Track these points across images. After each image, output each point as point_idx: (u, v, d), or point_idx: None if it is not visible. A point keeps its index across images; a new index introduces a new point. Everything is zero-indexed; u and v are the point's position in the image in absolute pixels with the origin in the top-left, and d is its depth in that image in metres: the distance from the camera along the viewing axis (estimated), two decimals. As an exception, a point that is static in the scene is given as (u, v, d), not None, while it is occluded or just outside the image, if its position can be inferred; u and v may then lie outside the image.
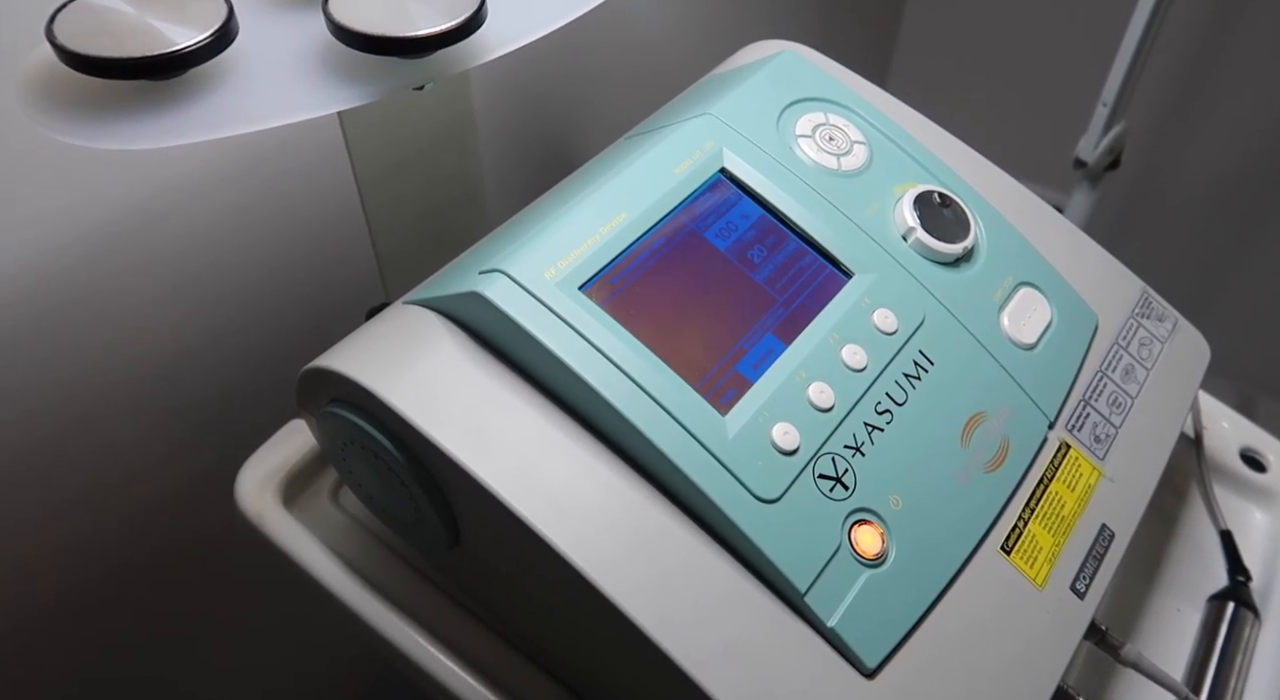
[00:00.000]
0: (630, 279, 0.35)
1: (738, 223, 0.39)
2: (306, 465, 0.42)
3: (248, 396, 0.56)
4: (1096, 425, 0.40)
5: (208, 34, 0.28)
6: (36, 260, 0.43)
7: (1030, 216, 0.44)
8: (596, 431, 0.33)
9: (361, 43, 0.29)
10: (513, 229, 0.38)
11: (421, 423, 0.32)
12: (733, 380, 0.34)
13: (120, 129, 0.27)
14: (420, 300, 0.36)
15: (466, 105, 0.47)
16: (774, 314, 0.37)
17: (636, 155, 0.39)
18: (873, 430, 0.35)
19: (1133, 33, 0.74)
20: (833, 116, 0.43)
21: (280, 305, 0.55)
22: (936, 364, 0.37)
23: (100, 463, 0.51)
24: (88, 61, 0.26)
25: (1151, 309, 0.44)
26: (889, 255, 0.39)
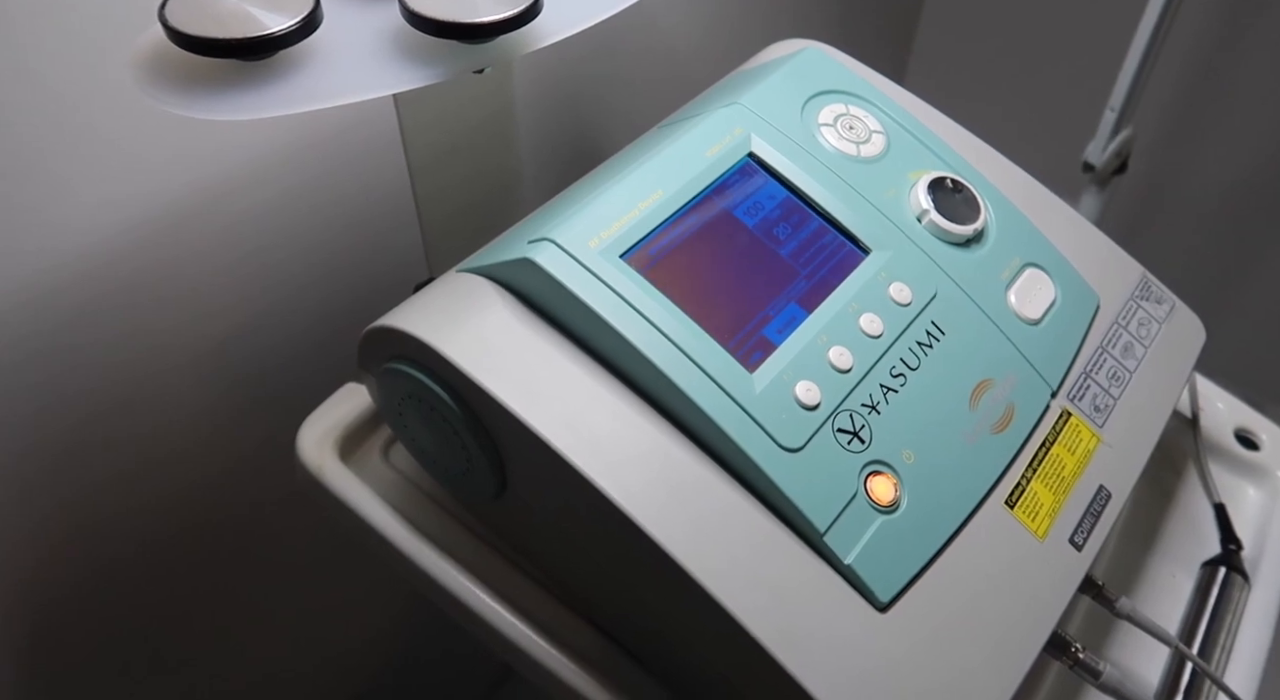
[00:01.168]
0: (667, 250, 0.38)
1: (764, 202, 0.42)
2: (361, 424, 0.45)
3: (300, 368, 0.60)
4: (1096, 396, 0.42)
5: (297, 20, 0.31)
6: (103, 243, 0.46)
7: (1037, 203, 0.47)
8: (636, 386, 0.36)
9: (432, 27, 0.32)
10: (558, 204, 0.41)
11: (478, 375, 0.35)
12: (759, 343, 0.37)
13: (218, 102, 0.31)
14: (473, 268, 0.39)
15: (508, 100, 0.51)
16: (797, 285, 0.40)
17: (671, 140, 0.42)
18: (888, 391, 0.38)
19: (1140, 38, 0.77)
20: (853, 107, 0.46)
21: (331, 282, 0.59)
22: (947, 334, 0.40)
23: (164, 433, 0.55)
24: (194, 41, 0.30)
25: (1150, 292, 0.47)
26: (904, 234, 0.42)
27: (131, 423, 0.53)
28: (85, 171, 0.44)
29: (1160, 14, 0.75)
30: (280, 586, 0.68)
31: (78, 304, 0.47)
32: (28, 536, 0.51)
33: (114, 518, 0.55)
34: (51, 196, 0.43)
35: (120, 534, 0.56)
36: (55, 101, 0.41)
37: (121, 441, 0.53)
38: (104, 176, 0.45)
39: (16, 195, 0.42)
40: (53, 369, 0.47)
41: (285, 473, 0.44)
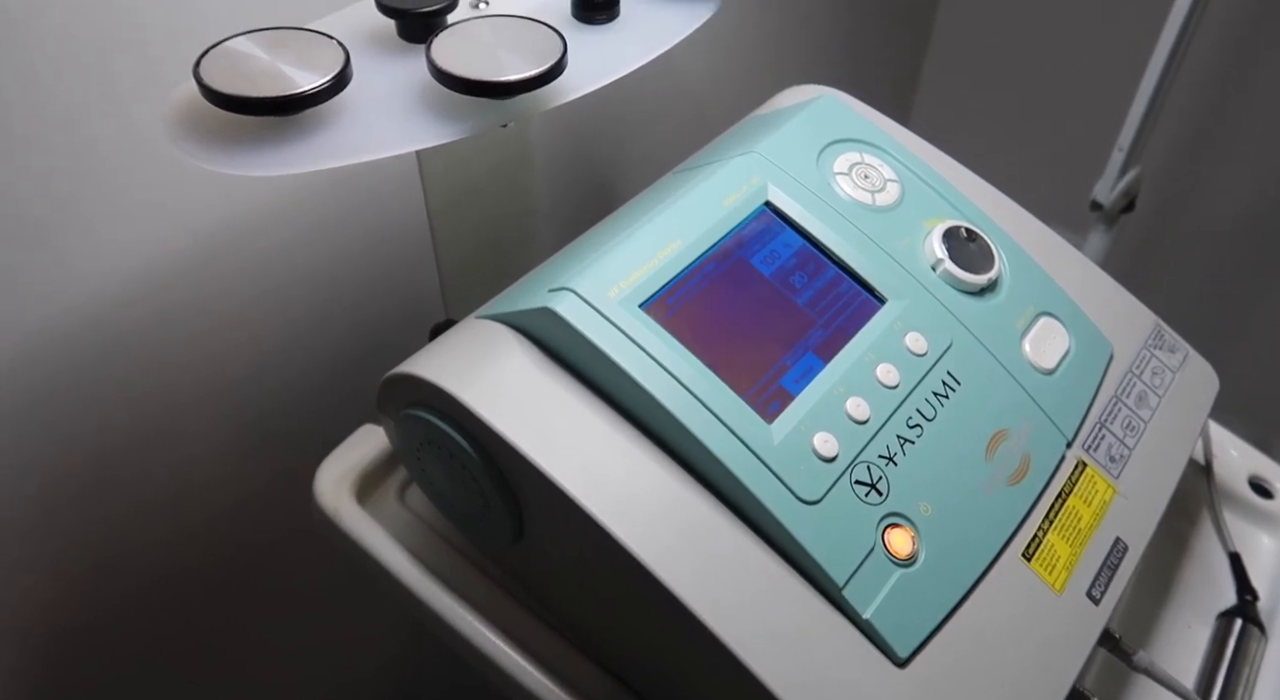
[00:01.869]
0: (685, 299, 0.39)
1: (781, 251, 0.42)
2: (378, 466, 0.45)
3: (315, 404, 0.60)
4: (1111, 446, 0.43)
5: (327, 79, 0.32)
6: (123, 284, 0.47)
7: (1050, 252, 0.47)
8: (654, 436, 0.36)
9: (459, 85, 0.33)
10: (576, 252, 0.41)
11: (497, 423, 0.35)
12: (777, 393, 0.38)
13: (249, 158, 0.31)
14: (493, 315, 0.40)
15: (526, 144, 0.52)
16: (814, 334, 0.40)
17: (688, 188, 0.43)
18: (905, 442, 0.38)
19: (1149, 80, 0.78)
20: (868, 156, 0.47)
21: (348, 320, 0.59)
22: (963, 384, 0.40)
23: (182, 468, 0.55)
24: (228, 99, 0.31)
25: (1164, 340, 0.47)
26: (919, 284, 0.43)
27: (147, 459, 0.53)
28: (108, 214, 0.45)
29: (1169, 55, 0.76)
30: (291, 618, 0.68)
31: (97, 343, 0.47)
32: (45, 571, 0.51)
33: (128, 552, 0.55)
34: (75, 239, 0.44)
35: (134, 568, 0.56)
36: (85, 146, 0.42)
37: (137, 478, 0.53)
38: (126, 219, 0.45)
39: (42, 238, 0.43)
40: (73, 406, 0.48)
41: (298, 506, 0.44)
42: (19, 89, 0.39)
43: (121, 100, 0.42)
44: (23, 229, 0.42)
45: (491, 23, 0.36)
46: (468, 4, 0.40)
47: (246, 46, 0.32)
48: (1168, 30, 0.75)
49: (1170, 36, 0.75)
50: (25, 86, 0.39)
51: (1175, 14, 0.74)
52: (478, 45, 0.34)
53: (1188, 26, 0.74)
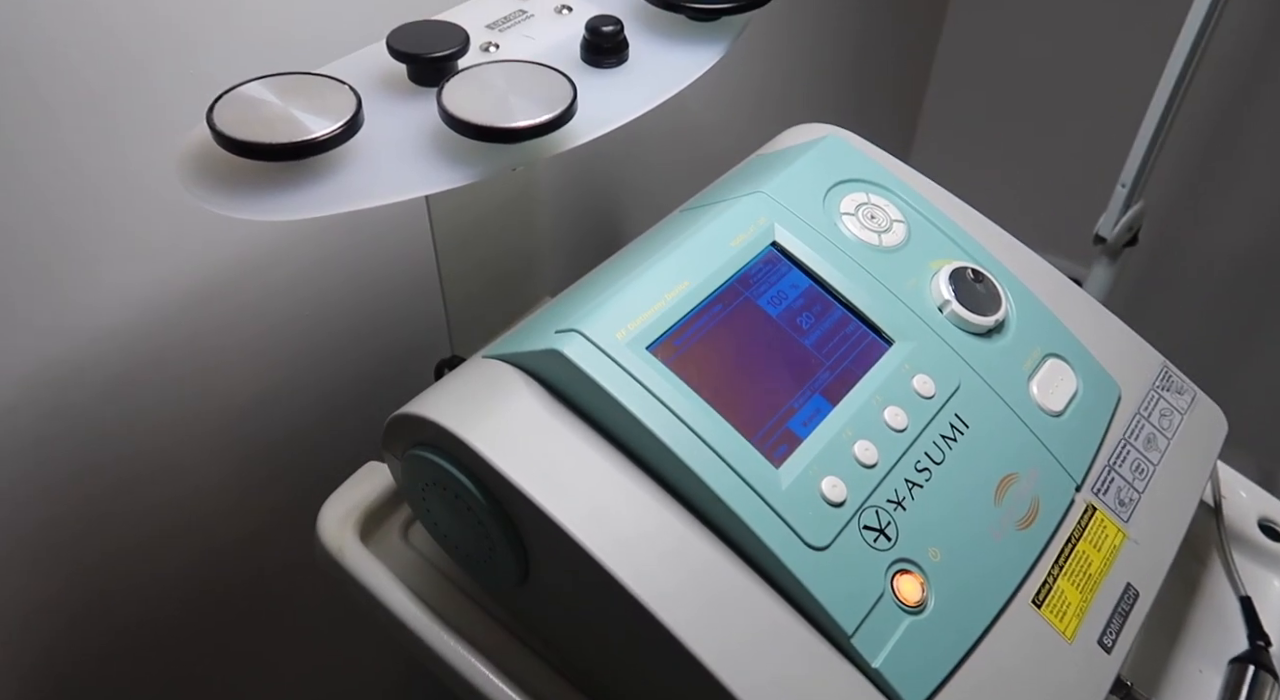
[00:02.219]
0: (692, 340, 0.39)
1: (788, 292, 0.42)
2: (382, 504, 0.45)
3: (320, 440, 0.60)
4: (1121, 490, 0.42)
5: (340, 124, 0.32)
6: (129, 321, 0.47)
7: (1057, 292, 0.47)
8: (661, 479, 0.36)
9: (470, 131, 0.33)
10: (584, 291, 0.41)
11: (503, 466, 0.35)
12: (785, 436, 0.37)
13: (261, 203, 0.32)
14: (499, 355, 0.40)
15: (534, 181, 0.52)
16: (821, 376, 0.40)
17: (695, 228, 0.43)
18: (913, 486, 0.38)
19: (1151, 116, 0.79)
20: (874, 197, 0.47)
21: (353, 354, 0.59)
22: (971, 427, 0.40)
23: (185, 503, 0.55)
24: (241, 145, 0.31)
25: (1171, 382, 0.47)
26: (926, 325, 0.42)
27: (150, 495, 0.53)
28: (112, 252, 0.45)
29: (1172, 91, 0.76)
30: (292, 649, 0.67)
31: (101, 380, 0.47)
32: (49, 602, 0.51)
33: (129, 587, 0.54)
34: (79, 277, 0.44)
35: (135, 602, 0.56)
36: (90, 186, 0.43)
37: (140, 514, 0.53)
38: (129, 257, 0.46)
39: (46, 276, 0.43)
40: (75, 444, 0.48)
41: (300, 540, 0.44)
42: (26, 129, 0.39)
43: (127, 141, 0.42)
44: (27, 267, 0.42)
45: (502, 68, 0.36)
46: (478, 47, 0.40)
47: (260, 92, 0.33)
48: (1171, 66, 0.76)
49: (1173, 73, 0.75)
50: (32, 127, 0.39)
51: (1178, 51, 0.75)
52: (488, 91, 0.35)
53: (1190, 63, 0.75)
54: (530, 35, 0.42)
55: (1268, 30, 0.96)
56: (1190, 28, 0.73)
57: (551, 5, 0.44)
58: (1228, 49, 0.94)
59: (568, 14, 0.44)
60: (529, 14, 0.43)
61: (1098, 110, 1.15)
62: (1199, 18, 0.72)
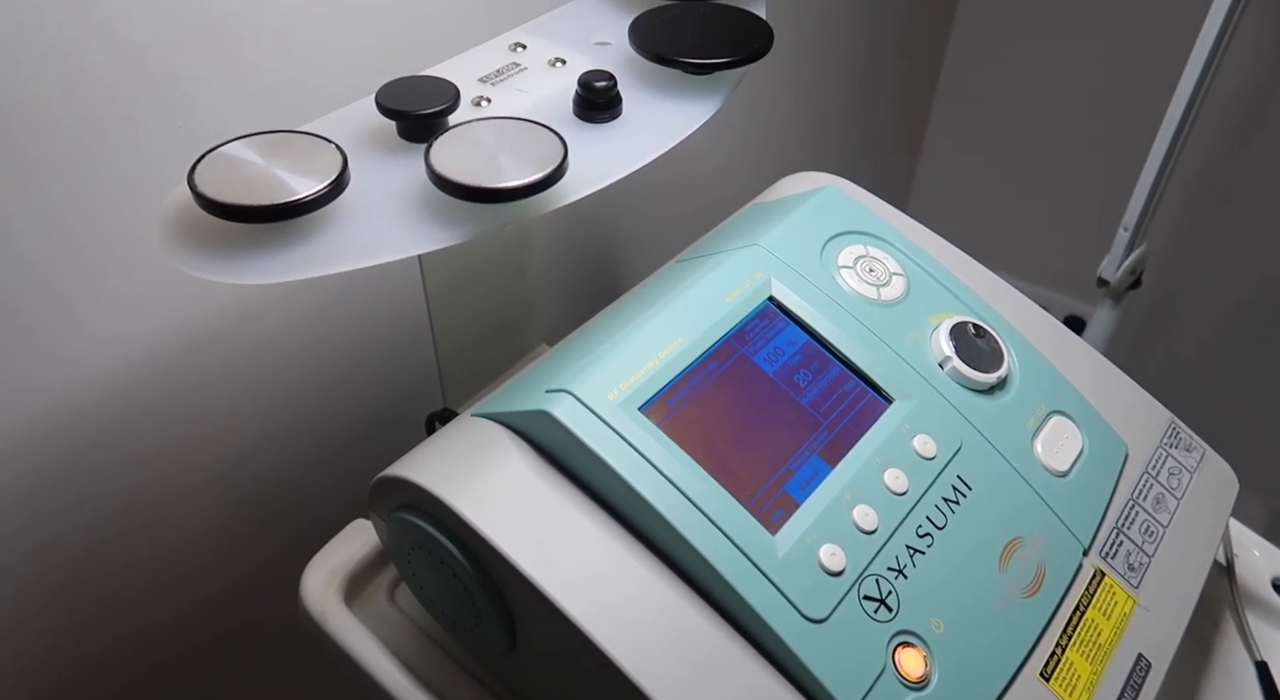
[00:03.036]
0: (686, 400, 0.38)
1: (784, 348, 0.41)
2: (367, 564, 0.44)
3: (308, 491, 0.59)
4: (1130, 553, 0.41)
5: (324, 185, 0.31)
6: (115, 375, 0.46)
7: (1060, 346, 0.46)
8: (654, 546, 0.35)
9: (459, 191, 0.32)
10: (576, 347, 0.41)
11: (490, 533, 0.34)
12: (781, 500, 0.36)
13: (245, 266, 0.31)
14: (488, 413, 0.39)
15: (527, 231, 0.51)
16: (819, 436, 0.39)
17: (690, 282, 0.42)
18: (914, 553, 0.36)
19: (1154, 159, 0.78)
20: (873, 249, 0.46)
21: (343, 403, 0.58)
22: (974, 489, 0.39)
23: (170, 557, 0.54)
24: (223, 207, 0.30)
25: (1179, 439, 0.46)
26: (927, 382, 0.41)
27: (135, 550, 0.52)
28: (95, 306, 0.44)
29: (1174, 135, 0.76)
30: None
31: (85, 435, 0.46)
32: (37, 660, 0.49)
33: (120, 637, 0.53)
34: (62, 331, 0.43)
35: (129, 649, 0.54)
36: (74, 239, 0.42)
37: (124, 569, 0.52)
38: (113, 310, 0.45)
39: (29, 331, 0.42)
40: (60, 500, 0.47)
41: (285, 594, 0.42)
42: (9, 181, 0.38)
43: (113, 193, 0.42)
44: (9, 322, 0.41)
45: (492, 125, 0.36)
46: (470, 101, 0.40)
47: (242, 151, 0.32)
48: (1172, 110, 0.75)
49: (1175, 115, 0.75)
50: (15, 179, 0.39)
51: (1179, 94, 0.74)
52: (478, 149, 0.34)
53: (1191, 108, 0.75)
54: (523, 89, 0.41)
55: (1270, 72, 0.96)
56: (1191, 72, 0.73)
57: (545, 58, 0.44)
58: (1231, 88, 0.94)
59: (561, 67, 0.43)
60: (522, 67, 0.43)
61: (1099, 150, 1.15)
62: (1199, 63, 0.72)
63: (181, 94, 0.42)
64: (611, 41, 0.46)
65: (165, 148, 0.42)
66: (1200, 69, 0.72)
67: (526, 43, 0.45)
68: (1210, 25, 0.70)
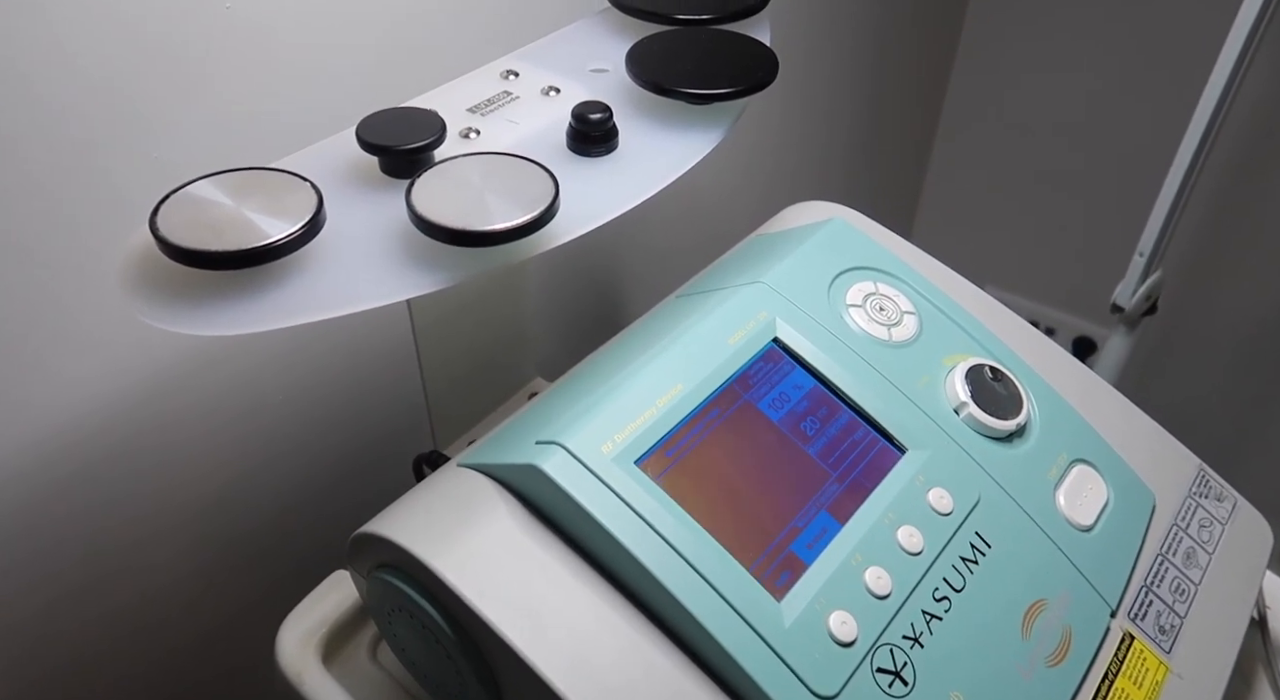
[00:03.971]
0: (685, 451, 0.35)
1: (790, 393, 0.39)
2: (347, 620, 0.41)
3: (288, 532, 0.56)
4: (1160, 614, 0.38)
5: (298, 227, 0.29)
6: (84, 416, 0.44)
7: (1080, 388, 0.44)
8: (650, 612, 0.32)
9: (442, 235, 0.30)
10: (568, 393, 0.38)
11: (474, 598, 0.32)
12: (787, 561, 0.34)
13: (210, 316, 0.29)
14: (475, 464, 0.36)
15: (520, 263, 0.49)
16: (828, 490, 0.36)
17: (691, 323, 0.40)
18: (931, 619, 0.34)
19: (1170, 184, 0.76)
20: (882, 286, 0.44)
21: (325, 443, 0.56)
22: (994, 547, 0.37)
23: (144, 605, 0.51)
24: (187, 253, 0.28)
25: (1209, 488, 0.43)
26: (942, 430, 0.39)
27: (108, 598, 0.49)
28: (61, 348, 0.42)
29: (1191, 160, 0.74)
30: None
31: (54, 480, 0.44)
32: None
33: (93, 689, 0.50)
34: (28, 374, 0.41)
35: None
36: (38, 278, 0.40)
37: (97, 618, 0.49)
38: (81, 351, 0.43)
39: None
40: (29, 548, 0.44)
41: (264, 639, 0.40)
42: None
43: (79, 229, 0.40)
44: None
45: (479, 161, 0.33)
46: (458, 133, 0.38)
47: (209, 191, 0.30)
48: (1190, 135, 0.73)
49: (1192, 141, 0.73)
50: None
51: (1197, 119, 0.72)
52: (463, 188, 0.32)
53: (1209, 134, 0.72)
54: (514, 120, 0.39)
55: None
56: (1209, 99, 0.71)
57: (538, 86, 0.42)
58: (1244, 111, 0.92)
59: (555, 96, 0.41)
60: (514, 96, 0.41)
61: (1104, 173, 1.13)
62: (1217, 90, 0.69)
63: (154, 124, 0.40)
64: (608, 68, 0.44)
65: (136, 180, 0.40)
66: (1218, 95, 0.70)
67: (519, 70, 0.43)
68: (1230, 49, 0.68)
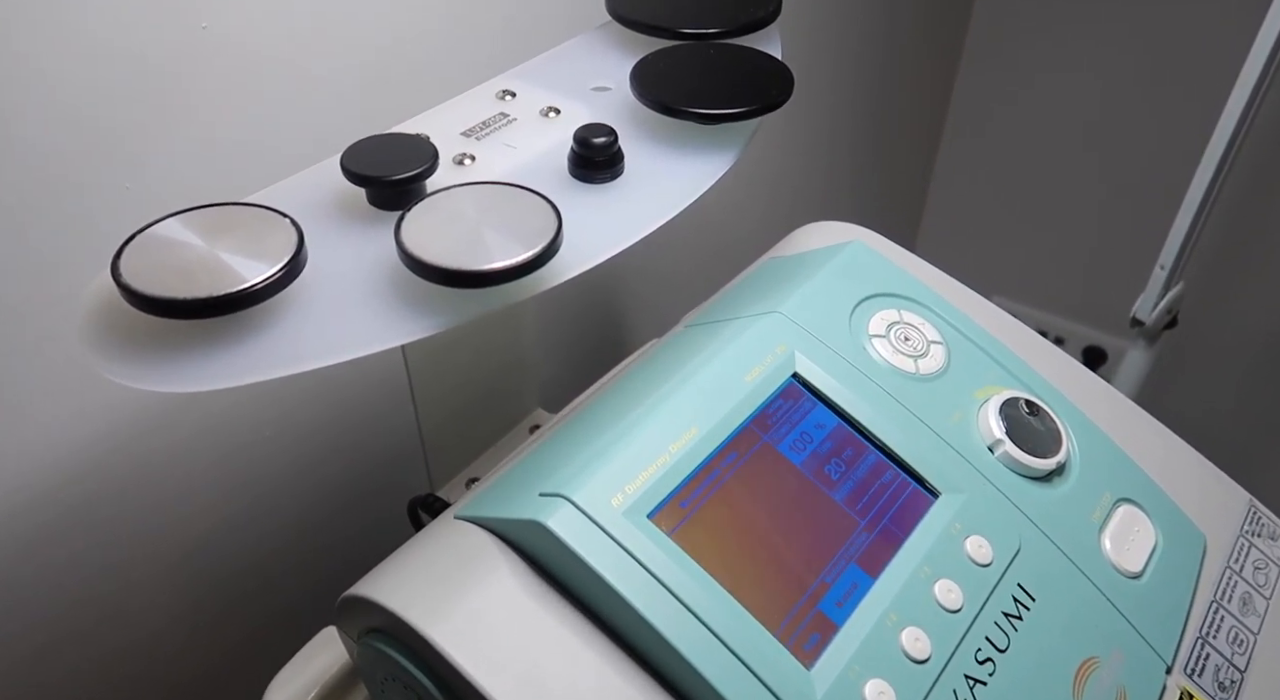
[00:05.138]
0: (701, 501, 0.33)
1: (813, 433, 0.36)
2: (339, 682, 0.38)
3: (278, 573, 0.53)
4: (1219, 668, 0.35)
5: (277, 269, 0.27)
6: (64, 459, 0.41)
7: (1121, 421, 0.41)
8: (666, 683, 0.30)
9: (435, 275, 0.28)
10: (574, 436, 0.35)
11: (471, 669, 0.29)
12: (816, 622, 0.31)
13: (181, 370, 0.26)
14: (474, 517, 0.33)
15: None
16: (857, 540, 0.33)
17: (704, 358, 0.37)
18: (975, 684, 0.31)
19: (1193, 196, 0.73)
20: (906, 314, 0.41)
21: (315, 479, 0.53)
22: (1038, 600, 0.34)
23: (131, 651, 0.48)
24: (152, 302, 0.25)
25: (1262, 525, 0.40)
26: (977, 471, 0.36)
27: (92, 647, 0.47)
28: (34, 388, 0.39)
29: (1214, 172, 0.71)
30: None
31: (33, 528, 0.41)
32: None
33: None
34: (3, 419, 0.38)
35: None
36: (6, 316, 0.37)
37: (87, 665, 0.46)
38: (56, 391, 0.40)
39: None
40: (16, 597, 0.41)
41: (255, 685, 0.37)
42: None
43: (46, 271, 0.37)
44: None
45: (474, 193, 0.31)
46: (451, 160, 0.35)
47: (177, 231, 0.27)
48: (1213, 145, 0.70)
49: (1215, 152, 0.70)
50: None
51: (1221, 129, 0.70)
52: (458, 222, 0.29)
53: (1233, 145, 0.70)
54: (511, 144, 0.37)
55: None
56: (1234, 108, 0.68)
57: (537, 108, 0.39)
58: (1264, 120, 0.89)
59: (555, 117, 0.39)
60: (511, 118, 0.38)
61: (1112, 180, 1.11)
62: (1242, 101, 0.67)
63: (125, 153, 0.38)
64: (611, 87, 0.41)
65: (107, 213, 0.37)
66: (1243, 105, 0.67)
67: (516, 90, 0.41)
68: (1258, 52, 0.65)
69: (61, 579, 0.44)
